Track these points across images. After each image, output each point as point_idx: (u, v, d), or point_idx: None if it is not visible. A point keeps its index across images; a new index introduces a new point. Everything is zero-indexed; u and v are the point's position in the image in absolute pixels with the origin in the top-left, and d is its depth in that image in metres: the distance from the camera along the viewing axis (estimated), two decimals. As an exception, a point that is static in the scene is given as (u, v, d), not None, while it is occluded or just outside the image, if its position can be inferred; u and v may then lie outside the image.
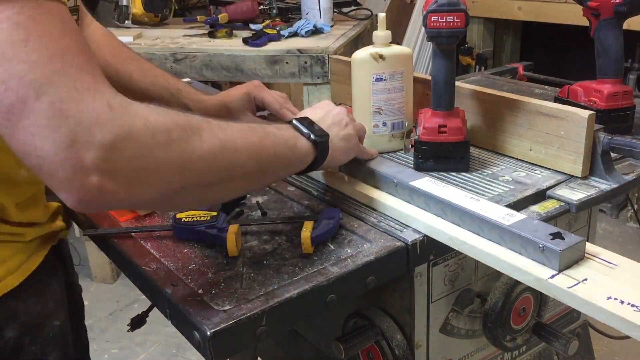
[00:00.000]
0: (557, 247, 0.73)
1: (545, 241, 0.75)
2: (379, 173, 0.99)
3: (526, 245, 0.77)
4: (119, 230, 0.95)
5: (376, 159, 1.03)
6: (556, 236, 0.75)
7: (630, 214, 2.92)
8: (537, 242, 0.75)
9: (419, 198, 0.92)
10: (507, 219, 0.81)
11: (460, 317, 1.04)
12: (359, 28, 2.32)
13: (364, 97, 1.11)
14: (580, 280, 0.72)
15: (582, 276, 0.72)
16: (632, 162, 1.07)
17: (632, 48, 2.87)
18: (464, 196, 0.88)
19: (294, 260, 0.85)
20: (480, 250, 0.81)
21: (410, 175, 0.96)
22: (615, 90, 1.15)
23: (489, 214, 0.82)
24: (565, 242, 0.74)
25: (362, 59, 1.09)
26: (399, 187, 0.95)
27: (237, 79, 1.97)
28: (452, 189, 0.91)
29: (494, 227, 0.81)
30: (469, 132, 1.16)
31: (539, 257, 0.75)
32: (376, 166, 1.00)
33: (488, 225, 0.82)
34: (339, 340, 0.95)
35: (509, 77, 1.64)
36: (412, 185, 0.93)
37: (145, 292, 0.88)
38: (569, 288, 0.70)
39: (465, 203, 0.86)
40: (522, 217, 0.81)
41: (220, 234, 0.87)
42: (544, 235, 0.76)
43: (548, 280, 0.73)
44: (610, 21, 1.13)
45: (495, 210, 0.84)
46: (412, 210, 0.91)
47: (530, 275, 0.75)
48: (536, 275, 0.74)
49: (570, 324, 1.27)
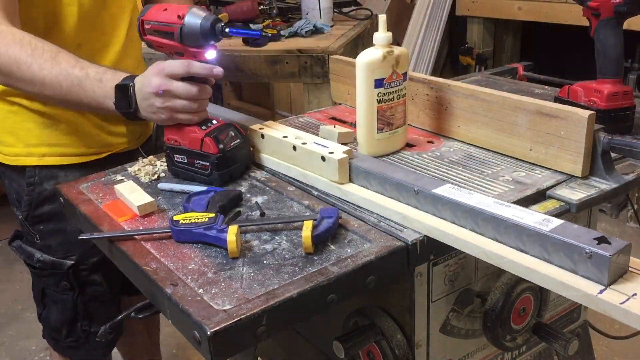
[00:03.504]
0: (606, 252, 0.68)
1: (591, 246, 0.69)
2: (396, 180, 0.95)
3: (570, 252, 0.72)
4: (115, 234, 0.95)
5: (385, 164, 1.02)
6: (602, 240, 0.70)
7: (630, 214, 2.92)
8: (584, 248, 0.70)
9: (443, 208, 0.87)
10: (546, 224, 0.76)
11: (461, 317, 1.04)
12: (359, 28, 2.32)
13: (368, 99, 1.10)
14: (630, 296, 0.67)
15: (630, 291, 0.68)
16: (632, 162, 1.07)
17: (632, 48, 2.87)
18: (494, 202, 0.83)
19: (294, 260, 0.85)
20: (520, 266, 0.76)
21: (431, 182, 0.92)
22: (615, 90, 1.15)
23: (525, 220, 0.77)
24: (613, 246, 0.69)
25: (366, 61, 1.09)
26: (420, 196, 0.91)
27: (237, 79, 1.97)
28: (478, 196, 0.86)
29: (532, 233, 0.75)
30: (469, 132, 1.17)
31: (584, 266, 0.71)
32: (392, 173, 0.97)
33: (526, 232, 0.76)
34: (340, 340, 0.95)
35: (509, 77, 1.64)
36: (436, 194, 0.88)
37: (145, 292, 0.88)
38: (622, 304, 0.67)
39: (497, 210, 0.81)
40: (560, 222, 0.76)
41: (220, 236, 0.87)
42: (588, 240, 0.71)
43: (598, 296, 0.68)
44: (610, 21, 1.13)
45: (530, 216, 0.78)
46: (439, 223, 0.87)
47: (577, 291, 0.70)
48: (584, 291, 0.69)
49: (570, 324, 1.27)
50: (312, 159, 1.04)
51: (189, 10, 1.01)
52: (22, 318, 2.64)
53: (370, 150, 1.13)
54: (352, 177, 1.02)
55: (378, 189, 0.98)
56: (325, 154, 1.01)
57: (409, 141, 1.19)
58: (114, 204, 1.05)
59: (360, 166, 1.00)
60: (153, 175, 1.15)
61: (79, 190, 1.12)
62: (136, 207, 1.00)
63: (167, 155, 1.11)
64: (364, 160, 1.03)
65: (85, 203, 1.07)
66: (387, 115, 1.12)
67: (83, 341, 1.41)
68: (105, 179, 1.16)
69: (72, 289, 1.36)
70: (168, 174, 1.16)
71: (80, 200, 1.08)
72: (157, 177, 1.15)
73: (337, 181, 1.01)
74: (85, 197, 1.09)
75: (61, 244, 1.33)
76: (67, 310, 1.38)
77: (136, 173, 1.17)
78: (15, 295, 2.78)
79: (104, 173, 1.19)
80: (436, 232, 0.87)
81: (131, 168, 1.19)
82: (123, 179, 1.15)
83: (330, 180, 1.03)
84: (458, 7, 3.50)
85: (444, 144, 1.19)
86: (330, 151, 1.02)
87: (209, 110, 1.13)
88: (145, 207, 1.00)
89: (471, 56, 3.49)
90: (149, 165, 1.19)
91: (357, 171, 1.01)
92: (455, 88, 1.17)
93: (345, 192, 1.00)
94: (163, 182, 1.12)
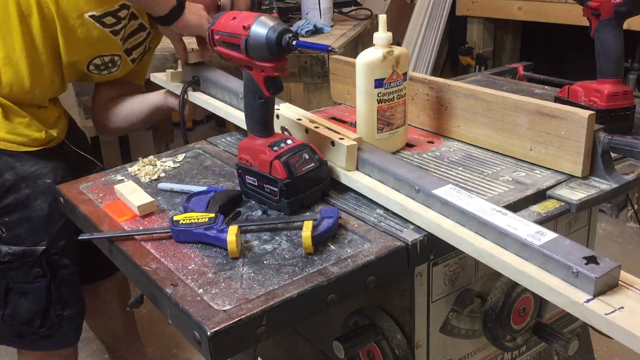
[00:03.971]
0: (592, 274, 0.69)
1: (579, 266, 0.70)
2: (398, 175, 0.95)
3: (559, 268, 0.72)
4: (115, 234, 0.95)
5: (392, 158, 1.02)
6: (590, 260, 0.71)
7: (630, 214, 2.92)
8: (571, 267, 0.71)
9: (442, 208, 0.88)
10: (538, 237, 0.76)
11: (461, 317, 1.04)
12: (359, 28, 2.32)
13: (368, 99, 1.11)
14: (617, 308, 0.68)
15: (618, 304, 0.68)
16: (632, 162, 1.07)
17: (632, 48, 2.87)
18: (491, 209, 0.83)
19: (294, 260, 0.85)
20: (509, 266, 0.77)
21: (433, 182, 0.92)
22: (615, 90, 1.15)
23: (518, 232, 0.77)
24: (601, 267, 0.70)
25: (366, 61, 1.09)
26: (420, 194, 0.91)
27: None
28: (477, 200, 0.86)
29: (524, 246, 0.76)
30: (469, 132, 1.17)
31: (572, 280, 0.71)
32: (396, 168, 0.97)
33: (517, 244, 0.77)
34: (340, 340, 0.95)
35: (509, 77, 1.64)
36: (435, 195, 0.88)
37: (146, 292, 0.88)
38: (607, 315, 0.67)
39: (493, 218, 0.81)
40: (553, 236, 0.76)
41: (220, 236, 0.87)
42: (577, 259, 0.71)
43: (584, 304, 0.69)
44: (611, 21, 1.13)
45: (524, 227, 0.78)
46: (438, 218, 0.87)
47: (564, 297, 0.71)
48: (571, 298, 0.70)
49: (570, 324, 1.27)
50: (322, 143, 1.04)
51: (255, 19, 0.91)
52: (22, 318, 2.63)
53: (370, 150, 1.13)
54: (359, 166, 1.02)
55: (381, 180, 0.98)
56: (335, 139, 1.01)
57: (409, 141, 1.20)
58: (114, 204, 1.05)
59: (367, 158, 1.00)
60: (153, 175, 1.15)
61: (79, 190, 1.12)
62: (136, 207, 1.00)
63: (239, 176, 1.05)
64: (372, 151, 1.03)
65: (85, 203, 1.07)
66: (387, 115, 1.12)
67: (57, 327, 1.43)
68: (105, 179, 1.16)
69: (44, 275, 1.37)
70: (168, 174, 1.16)
71: (80, 200, 1.08)
72: (157, 177, 1.15)
73: (344, 167, 1.01)
74: (85, 197, 1.09)
75: (29, 231, 1.35)
76: (41, 299, 1.39)
77: (136, 173, 1.17)
78: (15, 295, 2.78)
79: (104, 173, 1.19)
80: (433, 226, 0.87)
81: (131, 168, 1.19)
82: (123, 179, 1.15)
83: (337, 166, 1.02)
84: (458, 7, 3.49)
85: (444, 144, 1.19)
86: (341, 137, 1.02)
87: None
88: (145, 207, 1.00)
89: (471, 56, 3.48)
90: (149, 165, 1.19)
91: (363, 162, 1.01)
92: (455, 88, 1.17)
93: (351, 178, 1.00)
94: (163, 182, 1.12)
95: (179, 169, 1.19)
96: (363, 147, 1.03)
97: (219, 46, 0.99)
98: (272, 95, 0.98)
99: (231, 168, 1.16)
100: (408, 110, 1.17)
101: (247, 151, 1.02)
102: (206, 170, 1.17)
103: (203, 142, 1.32)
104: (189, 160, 1.23)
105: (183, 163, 1.21)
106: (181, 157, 1.23)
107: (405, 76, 1.12)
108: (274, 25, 0.90)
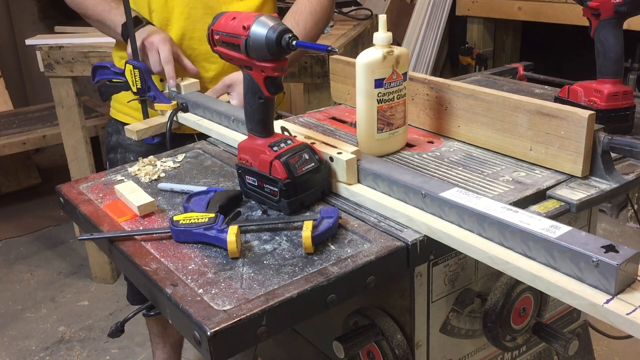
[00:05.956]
0: (613, 261, 0.67)
1: (598, 254, 0.68)
2: (403, 182, 0.94)
3: (577, 260, 0.71)
4: (115, 235, 0.95)
5: (393, 166, 1.01)
6: (609, 249, 0.69)
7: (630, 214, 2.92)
8: (590, 256, 0.69)
9: (450, 211, 0.87)
10: (553, 231, 0.75)
11: (461, 317, 1.04)
12: (359, 28, 2.32)
13: (368, 98, 1.10)
14: (637, 306, 0.66)
15: (637, 301, 0.67)
16: (632, 162, 1.07)
17: (632, 48, 2.88)
18: (501, 207, 0.82)
19: (294, 260, 0.85)
20: (526, 272, 0.75)
21: (438, 186, 0.91)
22: (615, 90, 1.15)
23: (532, 227, 0.76)
24: (621, 255, 0.68)
25: (366, 61, 1.09)
26: (427, 199, 0.90)
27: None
28: (485, 200, 0.85)
29: (539, 240, 0.75)
30: (469, 132, 1.17)
31: (591, 274, 0.70)
32: (399, 175, 0.96)
33: (532, 238, 0.76)
34: (340, 340, 0.95)
35: (509, 77, 1.64)
36: (443, 197, 0.87)
37: (145, 292, 0.88)
38: (628, 315, 0.66)
39: (504, 215, 0.80)
40: (568, 229, 0.75)
41: (220, 236, 0.87)
42: (595, 248, 0.70)
43: (604, 305, 0.67)
44: (610, 21, 1.13)
45: (537, 222, 0.77)
46: (445, 226, 0.86)
47: (583, 299, 0.69)
48: (590, 300, 0.69)
49: (570, 324, 1.27)
50: None
51: (255, 19, 0.91)
52: (22, 318, 2.64)
53: (370, 151, 1.13)
54: (360, 178, 1.01)
55: (385, 190, 0.97)
56: (333, 155, 1.01)
57: (409, 141, 1.19)
58: (114, 204, 1.05)
59: (368, 168, 1.00)
60: (153, 175, 1.15)
61: (79, 191, 1.12)
62: (136, 207, 1.00)
63: (239, 176, 1.05)
64: (372, 162, 1.02)
65: (85, 203, 1.07)
66: (387, 115, 1.12)
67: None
68: (105, 179, 1.16)
69: None
70: (168, 174, 1.16)
71: (80, 201, 1.08)
72: (157, 177, 1.15)
73: (345, 182, 1.01)
74: (85, 197, 1.09)
75: None
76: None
77: (136, 173, 1.17)
78: (15, 295, 2.78)
79: (104, 173, 1.19)
80: (443, 235, 0.86)
81: (131, 168, 1.19)
82: (123, 179, 1.15)
83: (338, 181, 1.02)
84: (458, 7, 3.50)
85: (444, 144, 1.19)
86: (339, 152, 1.02)
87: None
88: (145, 207, 1.00)
89: (471, 56, 3.49)
90: (149, 165, 1.19)
91: (364, 172, 1.00)
92: (455, 88, 1.17)
93: (353, 192, 1.00)
94: (163, 182, 1.12)
95: (179, 169, 1.19)
96: (362, 157, 1.02)
97: (218, 46, 0.99)
98: (272, 95, 0.97)
99: (231, 168, 1.16)
100: (408, 110, 1.17)
101: (247, 151, 1.02)
102: (206, 170, 1.17)
103: (203, 142, 1.32)
104: (189, 160, 1.23)
105: (183, 163, 1.21)
106: (181, 157, 1.23)
107: (405, 76, 1.12)
108: (273, 26, 0.89)
